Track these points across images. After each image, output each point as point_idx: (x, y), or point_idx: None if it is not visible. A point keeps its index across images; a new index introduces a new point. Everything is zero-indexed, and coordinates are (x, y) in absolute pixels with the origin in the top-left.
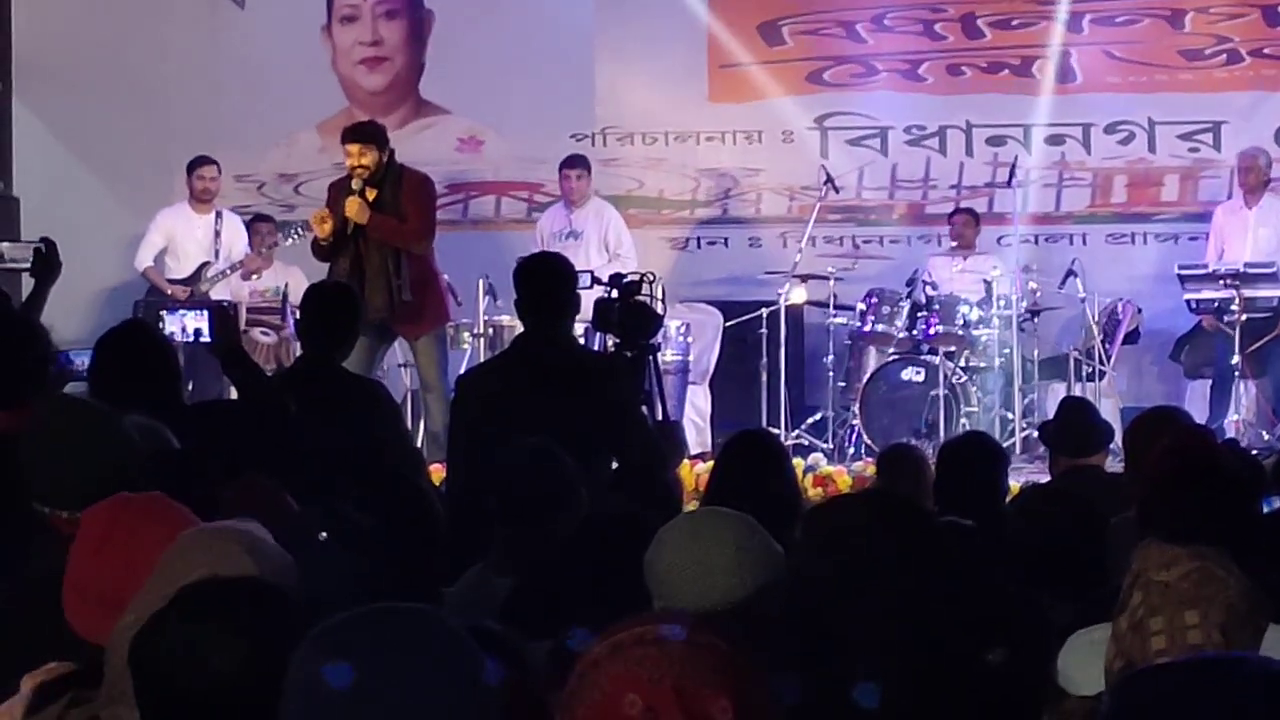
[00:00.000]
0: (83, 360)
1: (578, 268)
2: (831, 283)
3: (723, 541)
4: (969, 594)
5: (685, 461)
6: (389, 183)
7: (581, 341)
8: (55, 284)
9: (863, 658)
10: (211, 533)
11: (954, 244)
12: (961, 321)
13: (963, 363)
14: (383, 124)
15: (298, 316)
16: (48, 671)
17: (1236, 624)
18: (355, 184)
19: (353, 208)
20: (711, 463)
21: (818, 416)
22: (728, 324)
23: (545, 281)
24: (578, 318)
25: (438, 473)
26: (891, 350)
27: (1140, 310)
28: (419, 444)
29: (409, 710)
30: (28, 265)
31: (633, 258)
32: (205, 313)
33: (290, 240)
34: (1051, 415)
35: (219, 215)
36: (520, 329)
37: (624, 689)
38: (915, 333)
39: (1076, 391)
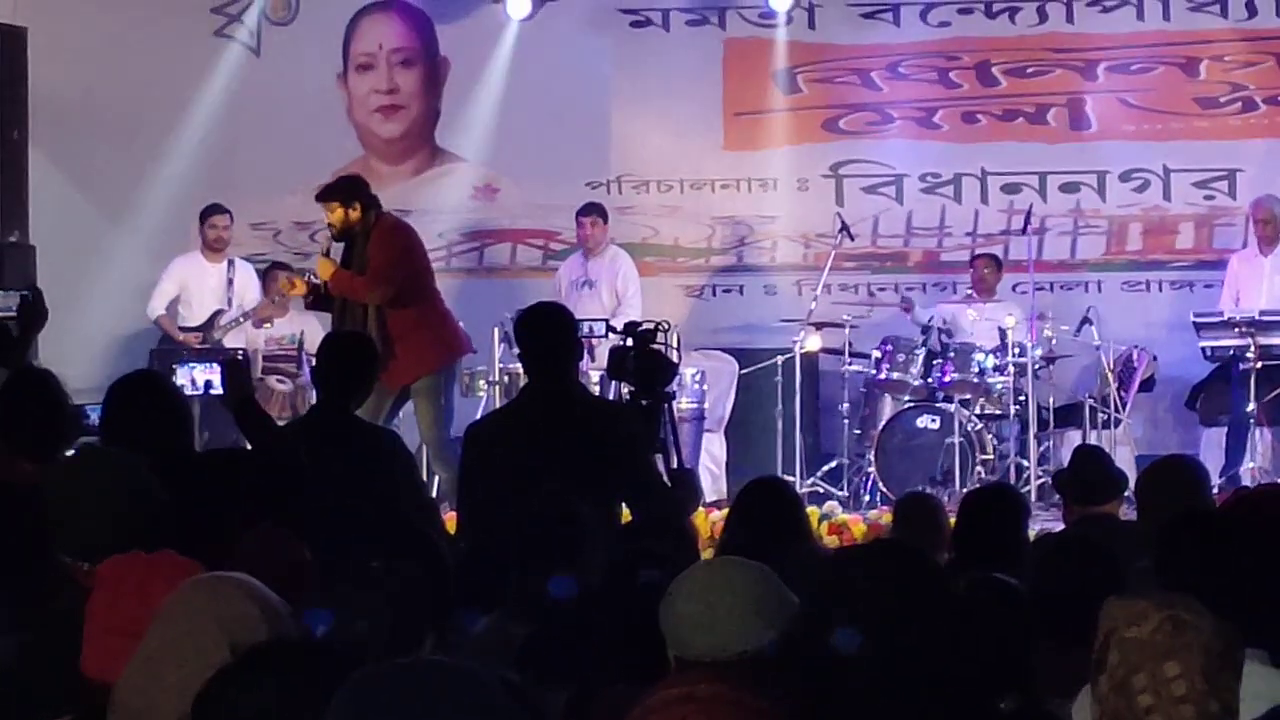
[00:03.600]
0: (97, 415)
1: (593, 316)
2: (846, 330)
3: (736, 591)
4: (980, 641)
5: (700, 509)
6: (361, 236)
7: (597, 390)
8: (71, 331)
9: (873, 705)
10: (213, 582)
11: (977, 291)
12: (977, 369)
13: (978, 410)
14: (357, 178)
15: (314, 364)
16: None
17: (1215, 665)
18: (321, 241)
19: (318, 265)
20: (727, 510)
21: (833, 464)
22: (743, 371)
23: (544, 332)
24: (593, 366)
25: (451, 520)
26: (907, 398)
27: (1155, 358)
28: (435, 493)
29: None
30: (12, 314)
31: (637, 304)
32: (216, 365)
33: None
34: (1066, 463)
35: (231, 263)
36: None
37: None
38: (931, 380)
39: (1092, 439)
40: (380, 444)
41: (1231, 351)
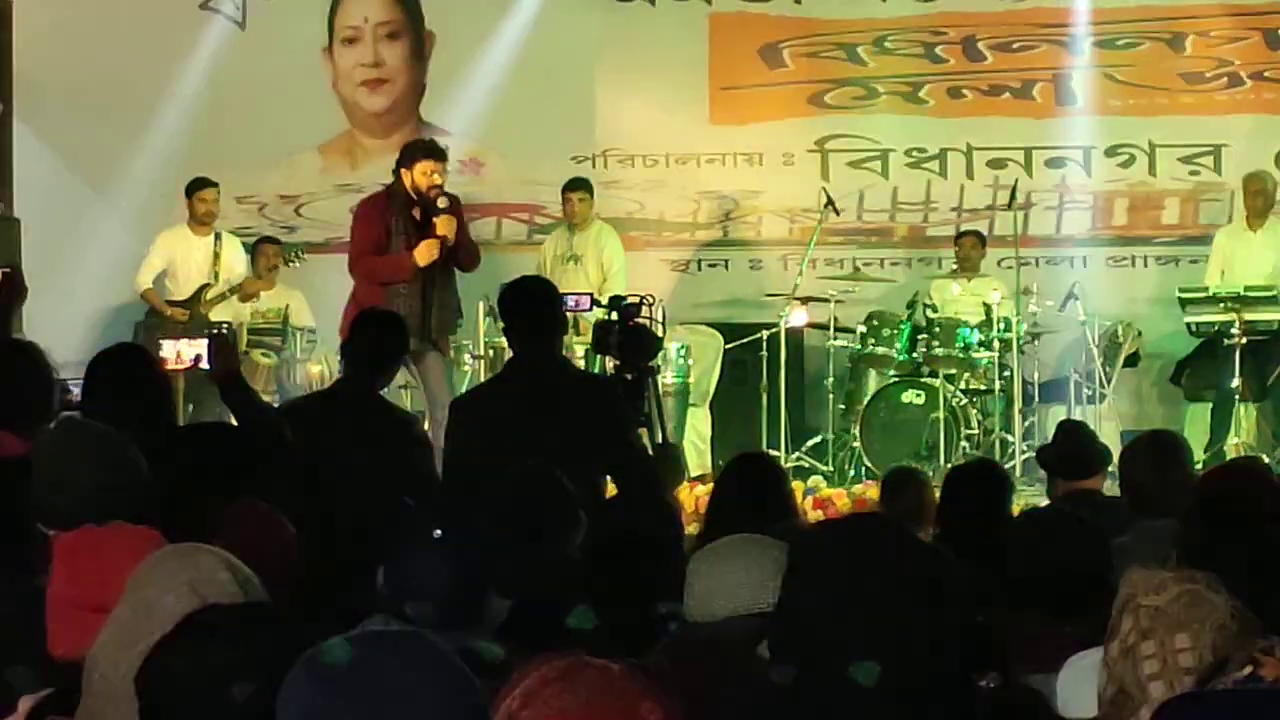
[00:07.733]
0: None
1: (578, 290)
2: (832, 305)
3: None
4: (962, 618)
5: (685, 484)
6: (434, 203)
7: (582, 364)
8: (56, 304)
9: (852, 681)
10: (186, 550)
11: (961, 267)
12: (962, 344)
13: (963, 385)
14: None
15: (305, 338)
16: (42, 696)
17: (1228, 645)
18: (442, 202)
19: (441, 223)
20: (711, 485)
21: (818, 439)
22: (728, 346)
23: (528, 306)
24: (578, 340)
25: None
26: (892, 373)
27: (1140, 333)
28: None
29: None
30: None
31: (622, 279)
32: (203, 339)
33: (293, 263)
34: (1051, 438)
35: (218, 237)
36: None
37: None
38: (916, 355)
39: (1077, 414)
40: (398, 429)
41: (1216, 327)
